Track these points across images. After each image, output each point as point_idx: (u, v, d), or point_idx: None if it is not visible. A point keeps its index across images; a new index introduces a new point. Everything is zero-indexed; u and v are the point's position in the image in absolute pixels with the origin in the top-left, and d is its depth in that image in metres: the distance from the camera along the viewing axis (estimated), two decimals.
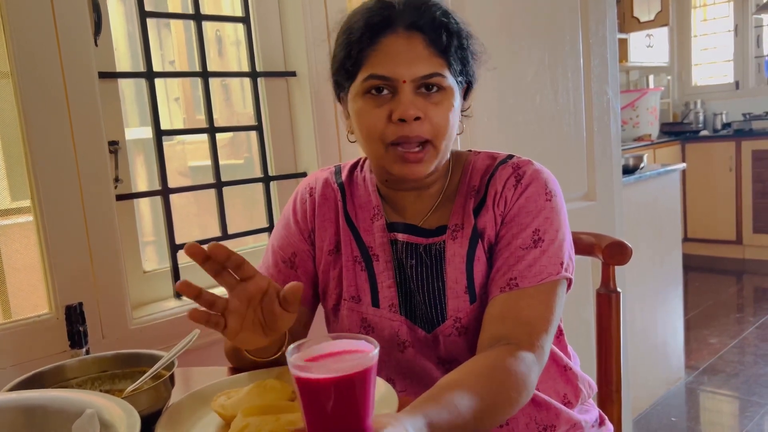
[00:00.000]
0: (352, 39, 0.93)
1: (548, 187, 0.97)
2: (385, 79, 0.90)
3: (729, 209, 4.89)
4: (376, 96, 0.92)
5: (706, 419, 2.63)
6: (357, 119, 0.95)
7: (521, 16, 1.90)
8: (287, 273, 1.07)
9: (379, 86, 0.91)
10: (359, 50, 0.92)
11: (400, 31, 0.91)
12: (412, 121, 0.90)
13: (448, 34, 0.92)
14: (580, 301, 2.03)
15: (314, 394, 0.56)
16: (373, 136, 0.93)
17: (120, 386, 0.93)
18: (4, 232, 1.24)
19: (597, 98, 2.07)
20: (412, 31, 0.91)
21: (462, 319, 0.97)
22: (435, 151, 0.93)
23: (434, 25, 0.91)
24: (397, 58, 0.90)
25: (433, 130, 0.92)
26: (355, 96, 0.95)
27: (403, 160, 0.93)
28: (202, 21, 1.51)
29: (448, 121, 0.93)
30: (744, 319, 3.67)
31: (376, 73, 0.91)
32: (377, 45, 0.91)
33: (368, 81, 0.92)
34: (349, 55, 0.93)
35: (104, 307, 1.26)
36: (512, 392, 0.81)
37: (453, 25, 0.94)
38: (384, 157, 0.94)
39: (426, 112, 0.91)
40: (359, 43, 0.92)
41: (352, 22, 0.95)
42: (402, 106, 0.90)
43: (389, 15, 0.91)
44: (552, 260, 0.93)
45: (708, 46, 5.61)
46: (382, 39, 0.91)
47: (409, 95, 0.90)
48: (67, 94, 1.20)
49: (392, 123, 0.91)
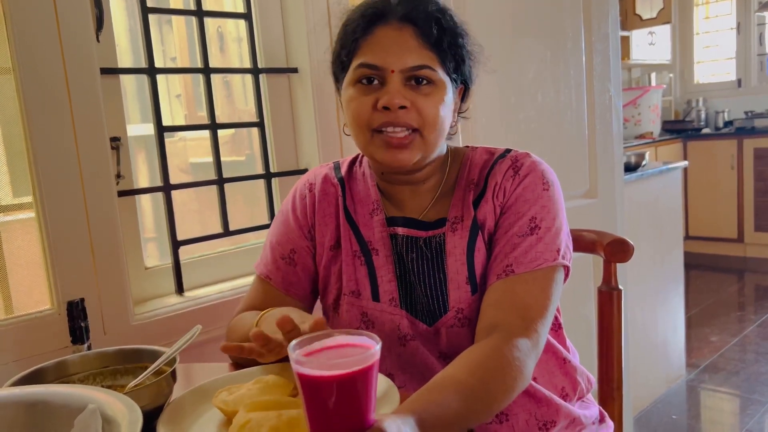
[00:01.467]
0: (348, 30, 0.96)
1: (545, 177, 0.98)
2: (374, 68, 0.92)
3: (731, 207, 4.89)
4: (366, 85, 0.94)
5: (706, 417, 2.63)
6: (346, 107, 0.97)
7: (523, 13, 1.90)
8: (286, 269, 1.07)
9: (369, 76, 0.93)
10: (353, 40, 0.95)
11: (393, 23, 0.93)
12: (397, 109, 0.91)
13: (439, 28, 0.94)
14: (581, 298, 2.03)
15: (316, 391, 0.56)
16: (359, 123, 0.95)
17: (122, 382, 0.93)
18: (6, 228, 1.24)
19: (599, 96, 2.07)
20: (405, 22, 0.93)
21: (464, 310, 0.98)
22: (422, 140, 0.94)
23: (427, 18, 0.93)
24: (388, 48, 0.92)
25: (421, 120, 0.93)
26: (347, 85, 0.97)
27: (387, 146, 0.93)
28: (203, 17, 1.51)
29: (437, 113, 0.93)
30: (745, 317, 3.67)
31: (366, 62, 0.93)
32: (370, 35, 0.94)
33: (359, 69, 0.94)
34: (345, 45, 0.97)
35: (106, 302, 1.26)
36: (508, 379, 0.81)
37: (447, 21, 0.95)
38: (370, 144, 0.95)
39: (414, 102, 0.92)
40: (353, 34, 0.95)
41: (350, 15, 0.98)
42: (388, 95, 0.91)
43: (384, 7, 0.94)
44: (548, 247, 0.94)
45: (710, 44, 5.60)
46: (375, 30, 0.94)
47: (396, 85, 0.92)
48: (69, 90, 1.20)
49: (378, 111, 0.92)
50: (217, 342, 1.13)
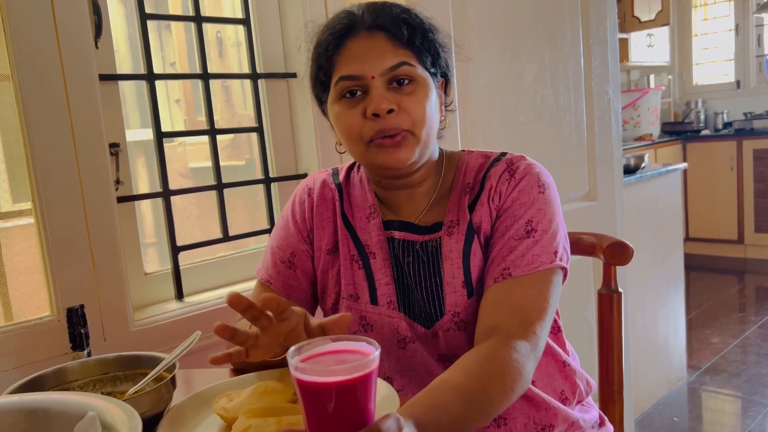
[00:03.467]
0: (320, 50, 0.98)
1: (541, 179, 0.98)
2: (354, 78, 0.94)
3: (730, 209, 4.89)
4: (350, 99, 0.95)
5: (708, 419, 2.63)
6: (336, 124, 0.98)
7: (522, 16, 1.90)
8: (286, 273, 1.07)
9: (352, 89, 0.94)
10: (327, 58, 0.96)
11: (363, 33, 0.95)
12: (385, 114, 0.92)
13: (408, 27, 0.95)
14: (581, 301, 2.03)
15: (315, 397, 0.56)
16: (353, 137, 0.95)
17: (122, 388, 0.93)
18: (5, 234, 1.24)
19: (598, 98, 2.07)
20: (374, 30, 0.95)
21: (460, 313, 0.98)
22: (415, 139, 0.95)
23: (394, 21, 0.95)
24: (363, 56, 0.93)
25: (411, 120, 0.94)
26: (332, 104, 0.98)
27: (383, 148, 0.94)
28: (202, 23, 1.51)
29: (424, 110, 0.94)
30: (746, 318, 3.67)
31: (345, 74, 0.94)
32: (343, 49, 0.95)
33: (340, 84, 0.95)
34: (321, 66, 0.98)
35: (106, 309, 1.26)
36: (506, 382, 0.81)
37: (414, 19, 0.97)
38: (366, 154, 0.96)
39: (400, 104, 0.93)
40: (326, 52, 0.96)
41: (319, 36, 0.99)
42: (374, 101, 0.92)
43: (350, 21, 0.96)
44: (545, 249, 0.94)
45: (709, 46, 5.61)
46: (347, 42, 0.95)
47: (380, 90, 0.93)
48: (68, 96, 1.20)
49: (368, 119, 0.93)
50: (217, 348, 1.13)
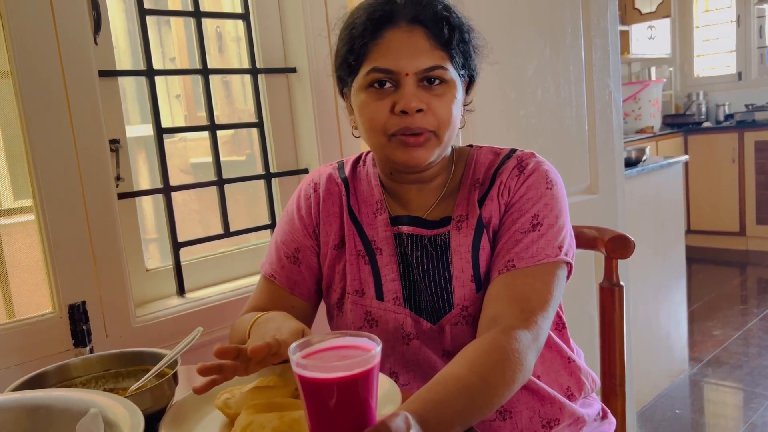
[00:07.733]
0: (355, 34, 0.94)
1: (549, 176, 0.99)
2: (388, 72, 0.92)
3: (732, 201, 4.88)
4: (378, 89, 0.93)
5: (710, 411, 2.63)
6: (360, 112, 0.96)
7: (522, 9, 1.89)
8: (290, 268, 1.07)
9: (381, 80, 0.93)
10: (362, 44, 0.93)
11: (402, 25, 0.92)
12: (414, 113, 0.91)
13: (449, 27, 0.93)
14: (583, 295, 2.03)
15: (317, 393, 0.56)
16: (375, 128, 0.94)
17: (124, 385, 0.93)
18: (6, 231, 1.24)
19: (599, 91, 2.06)
20: (414, 24, 0.92)
21: (469, 307, 0.98)
22: (437, 140, 0.95)
23: (436, 18, 0.92)
24: (400, 51, 0.91)
25: (437, 122, 0.93)
26: (358, 90, 0.96)
27: (405, 145, 0.93)
28: (201, 18, 1.50)
29: (451, 113, 0.94)
30: (748, 310, 3.67)
31: (378, 67, 0.92)
32: (379, 39, 0.92)
33: (371, 74, 0.93)
34: (352, 49, 0.95)
35: (107, 305, 1.26)
36: (507, 372, 0.81)
37: (454, 19, 0.95)
38: (386, 147, 0.95)
39: (429, 104, 0.92)
40: (362, 38, 0.93)
41: (355, 17, 0.96)
42: (405, 99, 0.91)
43: (391, 9, 0.93)
44: (550, 243, 0.94)
45: (710, 37, 5.58)
46: (385, 33, 0.92)
47: (411, 88, 0.91)
48: (68, 92, 1.20)
49: (395, 115, 0.92)
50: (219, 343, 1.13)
